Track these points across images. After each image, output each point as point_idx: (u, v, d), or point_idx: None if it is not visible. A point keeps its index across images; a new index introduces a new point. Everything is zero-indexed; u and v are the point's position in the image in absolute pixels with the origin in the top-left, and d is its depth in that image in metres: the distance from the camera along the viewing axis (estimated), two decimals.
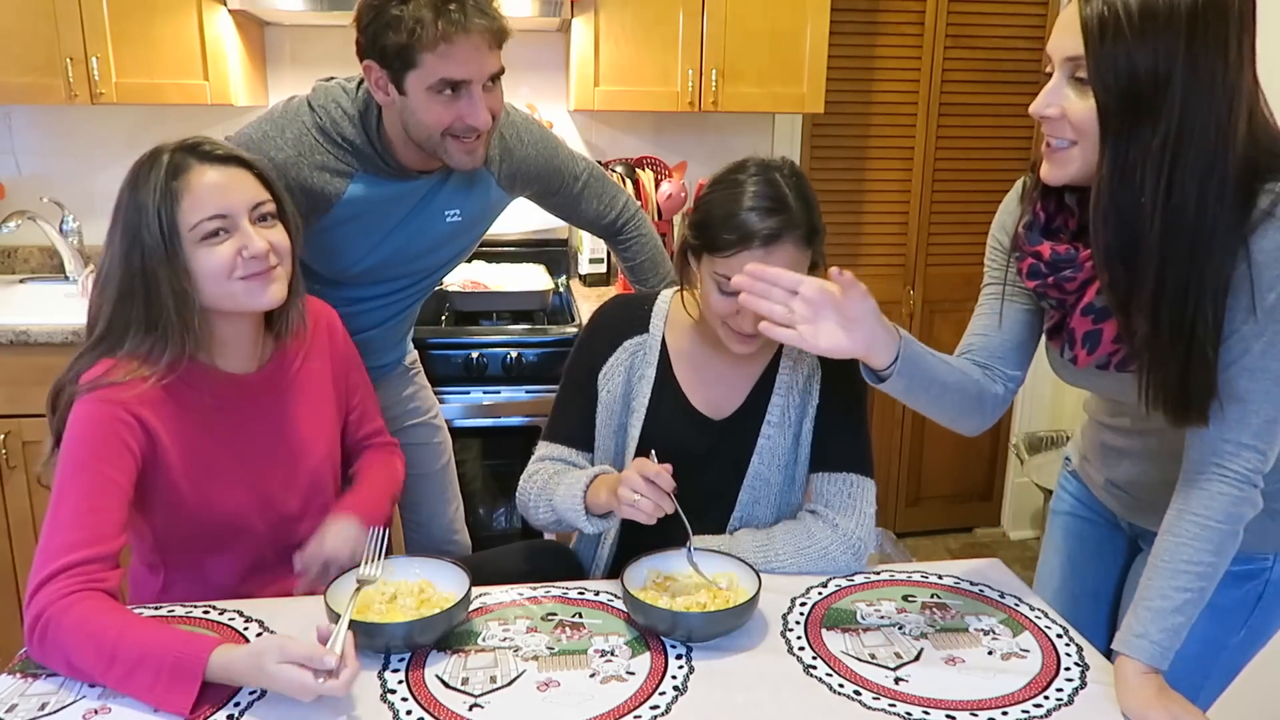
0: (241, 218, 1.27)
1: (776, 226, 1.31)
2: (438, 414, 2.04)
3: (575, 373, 1.54)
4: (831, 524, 1.42)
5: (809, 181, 1.40)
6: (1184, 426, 1.14)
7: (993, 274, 1.33)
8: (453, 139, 1.51)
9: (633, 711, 1.09)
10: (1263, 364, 1.10)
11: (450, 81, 1.45)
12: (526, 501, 1.48)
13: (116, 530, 1.20)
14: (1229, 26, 1.02)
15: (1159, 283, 1.07)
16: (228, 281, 1.27)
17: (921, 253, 3.30)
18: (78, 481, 1.20)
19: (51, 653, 1.12)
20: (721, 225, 1.33)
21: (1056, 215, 1.21)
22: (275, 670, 1.03)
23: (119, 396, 1.24)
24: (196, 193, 1.25)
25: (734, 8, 2.62)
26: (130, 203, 1.26)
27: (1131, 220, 1.07)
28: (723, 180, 1.38)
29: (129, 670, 1.08)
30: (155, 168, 1.25)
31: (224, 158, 1.28)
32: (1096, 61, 1.04)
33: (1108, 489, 1.43)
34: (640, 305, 1.55)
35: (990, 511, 3.58)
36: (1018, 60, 3.18)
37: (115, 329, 1.27)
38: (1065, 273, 1.17)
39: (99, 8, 2.37)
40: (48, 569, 1.14)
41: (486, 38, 1.44)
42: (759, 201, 1.32)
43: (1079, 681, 1.16)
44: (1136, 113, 1.04)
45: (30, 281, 2.81)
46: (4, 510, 2.35)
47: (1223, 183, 1.04)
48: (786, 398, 1.47)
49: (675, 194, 2.82)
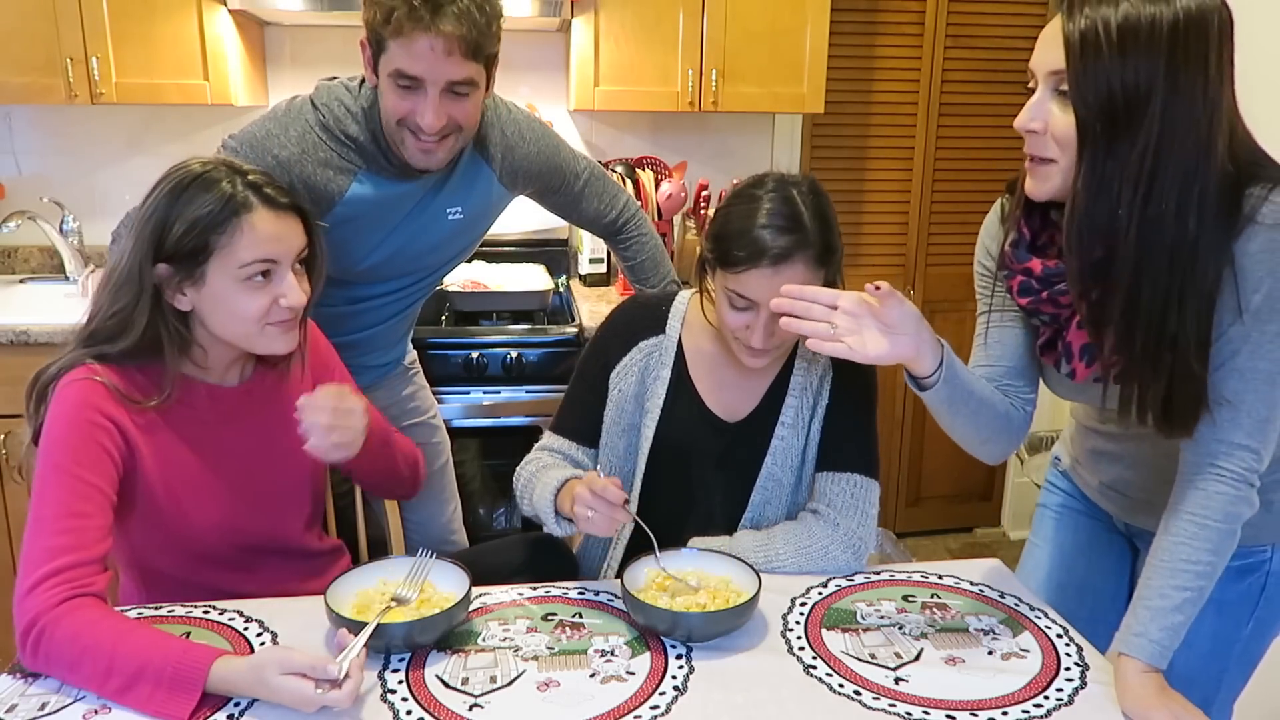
0: (287, 266, 1.28)
1: (788, 245, 1.30)
2: (436, 414, 2.04)
3: (587, 369, 1.55)
4: (833, 523, 1.42)
5: (829, 199, 1.39)
6: (1171, 438, 1.15)
7: (986, 300, 1.33)
8: (409, 134, 1.51)
9: (633, 711, 1.09)
10: (1252, 364, 1.10)
11: (404, 74, 1.45)
12: (517, 489, 1.49)
13: (101, 534, 1.19)
14: (1208, 43, 1.03)
15: (1133, 296, 1.08)
16: (254, 324, 1.27)
17: (921, 253, 3.30)
18: (58, 487, 1.18)
19: (45, 664, 1.11)
20: (735, 240, 1.33)
21: (1042, 232, 1.22)
22: (277, 683, 1.03)
23: (97, 401, 1.23)
24: (256, 235, 1.24)
25: (734, 8, 2.62)
26: (163, 212, 1.24)
27: (1106, 234, 1.08)
28: (741, 194, 1.38)
29: (127, 683, 1.06)
30: (212, 191, 1.23)
31: (286, 206, 1.28)
32: (1077, 77, 1.05)
33: (1102, 491, 1.43)
34: (657, 306, 1.55)
35: (990, 511, 3.59)
36: (1018, 60, 3.18)
37: (110, 329, 1.26)
38: (1059, 286, 1.17)
39: (99, 8, 2.37)
40: (33, 576, 1.13)
41: (454, 44, 1.42)
42: (773, 219, 1.31)
43: (1079, 681, 1.16)
44: (1114, 128, 1.04)
45: (30, 281, 2.81)
46: (4, 510, 2.35)
47: (1203, 195, 1.05)
48: (800, 399, 1.48)
49: (675, 194, 2.82)
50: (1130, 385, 1.14)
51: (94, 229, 2.77)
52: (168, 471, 1.29)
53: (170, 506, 1.30)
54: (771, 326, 1.33)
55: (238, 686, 1.06)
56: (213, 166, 1.27)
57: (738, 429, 1.50)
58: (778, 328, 1.32)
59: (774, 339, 1.36)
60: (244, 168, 1.29)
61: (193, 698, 1.05)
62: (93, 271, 2.64)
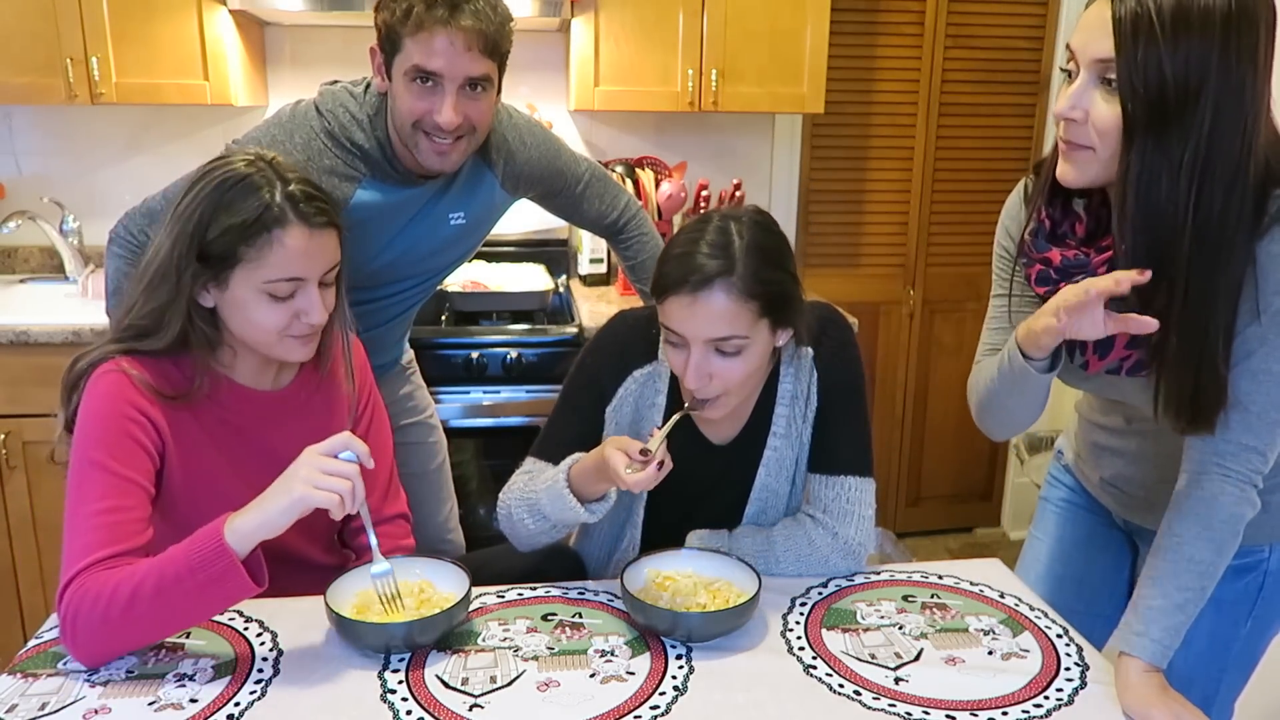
0: (313, 283, 1.26)
1: (709, 272, 1.22)
2: (433, 414, 2.04)
3: (577, 397, 1.47)
4: (831, 532, 1.40)
5: (779, 236, 1.31)
6: (1191, 434, 1.14)
7: (1002, 284, 1.31)
8: (424, 135, 1.51)
9: (633, 711, 1.09)
10: (1265, 366, 1.10)
11: (423, 71, 1.45)
12: (509, 511, 1.38)
13: (140, 526, 1.19)
14: (1259, 34, 1.01)
15: (1184, 292, 1.06)
16: (272, 335, 1.26)
17: (921, 253, 3.30)
18: (93, 483, 1.18)
19: (86, 639, 1.12)
20: (663, 266, 1.28)
21: (1063, 221, 1.20)
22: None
23: (129, 395, 1.23)
24: (286, 252, 1.22)
25: (734, 8, 2.62)
26: (206, 210, 1.22)
27: (1159, 229, 1.05)
28: (685, 227, 1.32)
29: (165, 593, 1.08)
30: (250, 199, 1.21)
31: (324, 224, 1.25)
32: (1128, 64, 1.01)
33: (1103, 487, 1.43)
34: (647, 328, 1.44)
35: (990, 511, 3.58)
36: (1018, 60, 3.18)
37: (144, 326, 1.26)
38: (1078, 278, 1.16)
39: (99, 8, 2.37)
40: (70, 572, 1.13)
41: (473, 39, 1.43)
42: (701, 247, 1.25)
43: (1079, 681, 1.16)
44: (1164, 120, 1.01)
45: (30, 281, 2.81)
46: (4, 510, 2.35)
47: (1244, 192, 1.03)
48: (791, 408, 1.44)
49: (675, 194, 2.82)
50: (1161, 378, 1.12)
51: (94, 229, 2.77)
52: (190, 468, 1.29)
53: (187, 504, 1.29)
54: (704, 366, 1.26)
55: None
56: (257, 170, 1.24)
57: (729, 450, 1.47)
58: (714, 369, 1.27)
59: (714, 382, 1.28)
60: (288, 174, 1.26)
61: (235, 569, 1.08)
62: (93, 271, 2.64)
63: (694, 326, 1.24)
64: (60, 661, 1.16)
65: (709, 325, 1.24)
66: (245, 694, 1.10)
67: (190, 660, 1.17)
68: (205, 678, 1.13)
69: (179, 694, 1.10)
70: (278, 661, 1.17)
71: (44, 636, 1.22)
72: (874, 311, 3.27)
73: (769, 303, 1.26)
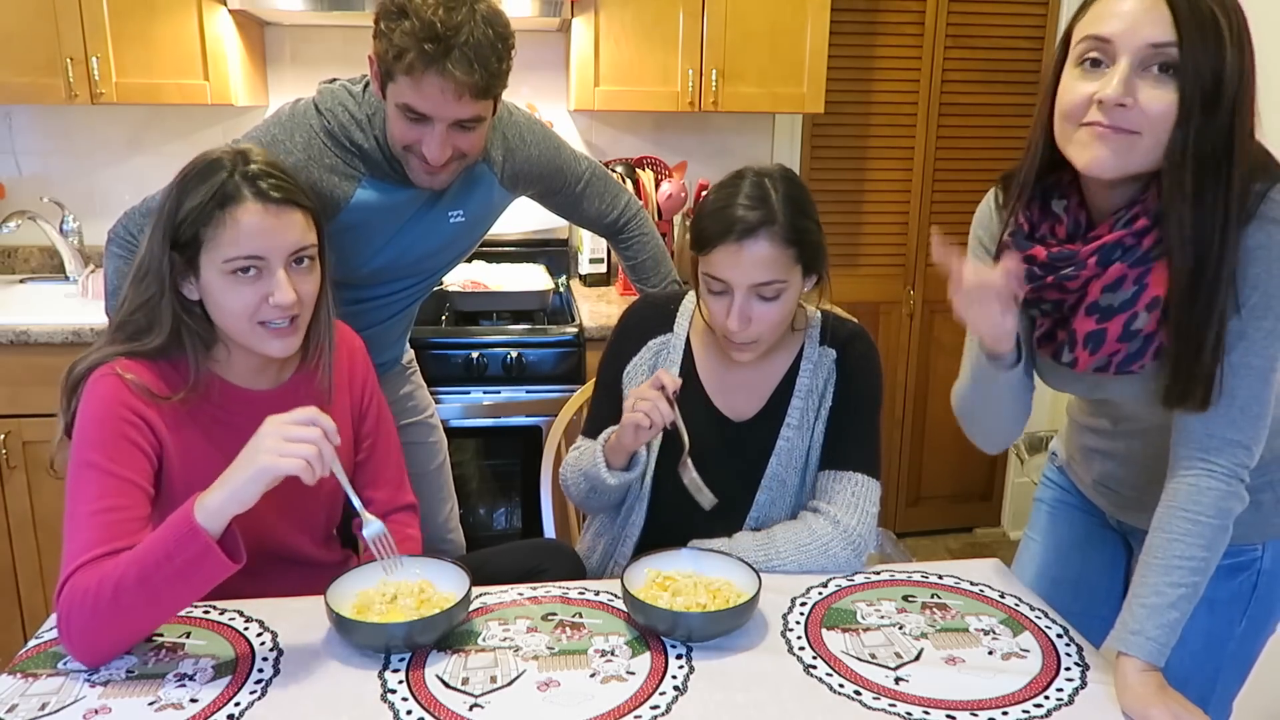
0: (278, 263, 1.24)
1: (753, 221, 1.34)
2: (434, 413, 2.04)
3: (604, 375, 1.59)
4: (833, 520, 1.42)
5: (806, 191, 1.42)
6: (1181, 408, 1.14)
7: None
8: (415, 157, 1.52)
9: (633, 711, 1.09)
10: (1245, 361, 1.11)
11: (412, 110, 1.45)
12: (566, 477, 1.55)
13: (138, 525, 1.19)
14: (1246, 30, 1.05)
15: (1216, 270, 1.08)
16: (245, 321, 1.25)
17: (921, 253, 3.30)
18: (89, 483, 1.18)
19: (80, 634, 1.11)
20: (705, 220, 1.38)
21: (1041, 223, 1.21)
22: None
23: (125, 397, 1.23)
24: (239, 229, 1.21)
25: (734, 8, 2.62)
26: (174, 199, 1.23)
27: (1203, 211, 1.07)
28: (720, 185, 1.42)
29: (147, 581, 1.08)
30: (209, 180, 1.22)
31: (280, 200, 1.24)
32: (1194, 49, 1.03)
33: (1096, 488, 1.44)
34: (666, 305, 1.59)
35: (990, 511, 3.59)
36: (1018, 60, 3.18)
37: (138, 323, 1.26)
38: (1066, 271, 1.16)
39: (99, 8, 2.37)
40: (67, 570, 1.13)
41: (464, 89, 1.41)
42: (742, 200, 1.36)
43: (1079, 681, 1.16)
44: (1209, 107, 1.04)
45: (30, 281, 2.81)
46: (4, 510, 2.35)
47: (1246, 182, 1.07)
48: (806, 400, 1.50)
49: (675, 194, 2.82)
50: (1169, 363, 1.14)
51: (94, 229, 2.77)
52: (188, 469, 1.28)
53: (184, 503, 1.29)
54: (747, 310, 1.37)
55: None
56: (220, 154, 1.25)
57: (743, 428, 1.51)
58: (755, 313, 1.37)
59: (752, 326, 1.38)
60: (253, 156, 1.26)
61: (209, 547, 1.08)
62: (92, 271, 2.64)
63: (740, 273, 1.35)
64: (60, 661, 1.16)
65: (754, 271, 1.35)
66: (245, 694, 1.10)
67: (190, 660, 1.17)
68: (205, 678, 1.13)
69: (179, 694, 1.10)
70: (278, 661, 1.17)
71: (44, 636, 1.22)
72: (874, 311, 3.27)
73: (804, 249, 1.38)
